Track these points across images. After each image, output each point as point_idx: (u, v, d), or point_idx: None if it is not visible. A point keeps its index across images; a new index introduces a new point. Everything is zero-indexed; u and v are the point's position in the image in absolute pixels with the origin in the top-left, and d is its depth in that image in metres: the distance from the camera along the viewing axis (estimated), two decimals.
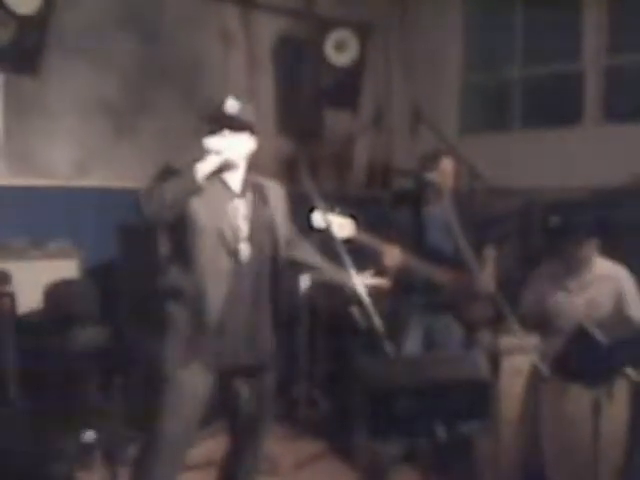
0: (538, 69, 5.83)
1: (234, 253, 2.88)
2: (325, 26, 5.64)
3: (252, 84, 5.72)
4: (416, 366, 2.61)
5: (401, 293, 4.04)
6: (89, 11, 4.76)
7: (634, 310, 3.85)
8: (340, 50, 5.62)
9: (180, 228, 2.81)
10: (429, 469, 3.50)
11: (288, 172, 5.76)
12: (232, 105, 2.91)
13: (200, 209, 2.81)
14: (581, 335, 3.02)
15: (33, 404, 3.72)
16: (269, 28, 5.77)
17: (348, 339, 4.83)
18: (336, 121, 6.09)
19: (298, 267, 3.19)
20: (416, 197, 4.17)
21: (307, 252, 3.18)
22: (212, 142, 2.84)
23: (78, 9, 4.68)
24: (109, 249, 4.55)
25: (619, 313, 3.86)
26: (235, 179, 2.96)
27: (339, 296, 4.46)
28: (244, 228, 2.91)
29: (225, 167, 2.88)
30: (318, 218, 3.32)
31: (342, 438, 4.30)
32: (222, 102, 2.92)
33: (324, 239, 3.18)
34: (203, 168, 2.77)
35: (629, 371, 3.00)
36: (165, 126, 5.07)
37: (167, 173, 2.79)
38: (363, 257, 3.40)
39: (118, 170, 4.90)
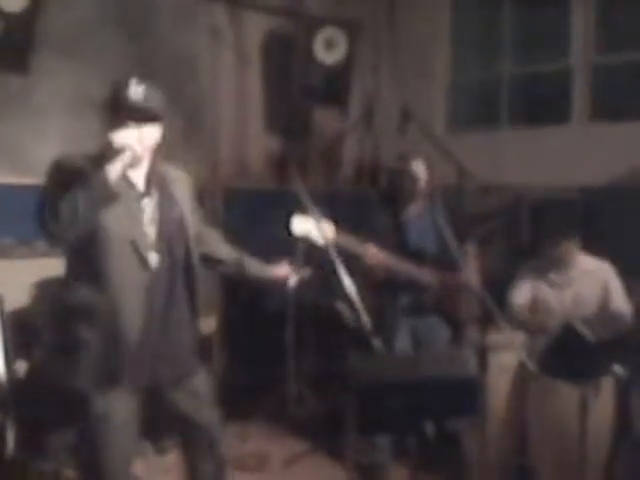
0: (526, 67, 5.85)
1: (144, 261, 2.57)
2: (314, 24, 5.63)
3: (241, 82, 5.72)
4: (405, 363, 2.62)
5: (386, 294, 4.06)
6: (77, 9, 4.74)
7: (619, 306, 3.88)
8: (329, 48, 5.61)
9: (86, 239, 2.47)
10: (417, 466, 3.51)
11: (277, 170, 5.77)
12: (136, 91, 2.49)
13: (107, 216, 2.47)
14: (568, 332, 3.03)
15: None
16: (258, 26, 5.76)
17: (336, 336, 4.84)
18: (325, 119, 6.09)
19: (211, 264, 2.95)
20: (398, 196, 4.19)
21: (218, 246, 2.96)
22: (118, 137, 2.43)
23: (66, 7, 4.65)
24: None
25: (605, 309, 3.88)
26: (139, 175, 2.62)
27: (327, 293, 4.47)
28: (152, 231, 2.60)
29: (131, 164, 2.51)
30: (298, 225, 3.32)
31: (331, 435, 4.31)
32: (124, 86, 2.49)
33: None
34: (114, 171, 2.40)
35: (616, 368, 3.01)
36: None
37: (65, 173, 2.47)
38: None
39: None
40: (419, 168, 4.08)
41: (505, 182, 5.27)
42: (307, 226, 3.23)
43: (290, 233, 3.30)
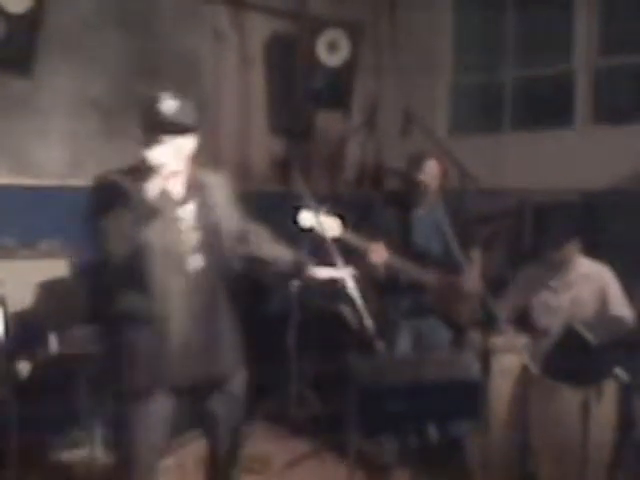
0: (529, 70, 5.85)
1: (185, 267, 2.65)
2: (317, 26, 5.64)
3: (244, 84, 5.72)
4: (408, 366, 2.62)
5: (387, 295, 4.06)
6: (81, 10, 4.75)
7: (619, 309, 3.87)
8: (332, 50, 5.62)
9: (130, 251, 2.55)
10: (420, 469, 3.52)
11: (280, 172, 5.77)
12: (169, 106, 2.55)
13: (149, 227, 2.55)
14: (570, 335, 3.03)
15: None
16: (261, 28, 5.77)
17: (339, 337, 4.83)
18: (328, 121, 6.10)
19: (257, 265, 2.93)
20: (404, 198, 4.19)
21: (263, 245, 2.93)
22: (155, 154, 2.52)
23: (69, 8, 4.67)
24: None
25: (604, 312, 3.88)
26: (177, 185, 2.68)
27: (330, 295, 4.46)
28: (191, 238, 2.67)
29: (168, 178, 2.59)
30: (305, 217, 3.34)
31: (334, 437, 4.30)
32: (156, 101, 2.55)
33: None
34: (152, 188, 2.50)
35: (618, 371, 3.01)
36: None
37: (108, 189, 2.58)
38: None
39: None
40: (431, 169, 4.07)
41: (507, 185, 5.27)
42: (314, 219, 3.25)
43: (297, 224, 3.32)
